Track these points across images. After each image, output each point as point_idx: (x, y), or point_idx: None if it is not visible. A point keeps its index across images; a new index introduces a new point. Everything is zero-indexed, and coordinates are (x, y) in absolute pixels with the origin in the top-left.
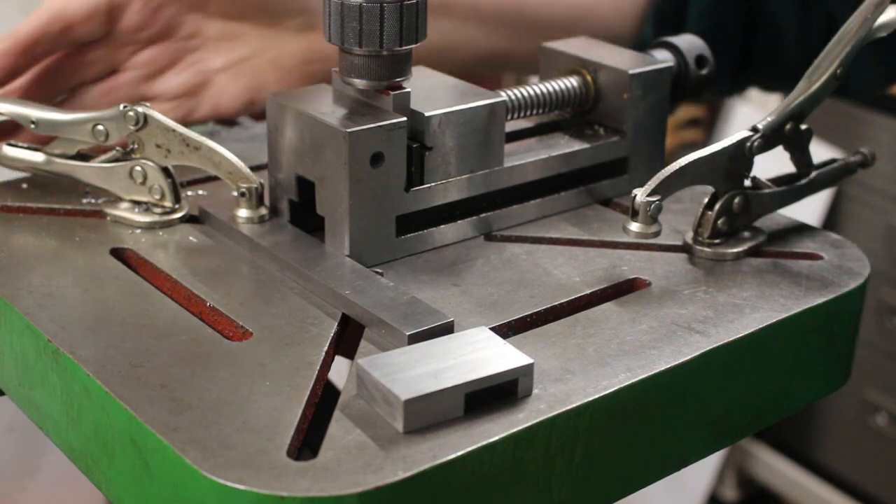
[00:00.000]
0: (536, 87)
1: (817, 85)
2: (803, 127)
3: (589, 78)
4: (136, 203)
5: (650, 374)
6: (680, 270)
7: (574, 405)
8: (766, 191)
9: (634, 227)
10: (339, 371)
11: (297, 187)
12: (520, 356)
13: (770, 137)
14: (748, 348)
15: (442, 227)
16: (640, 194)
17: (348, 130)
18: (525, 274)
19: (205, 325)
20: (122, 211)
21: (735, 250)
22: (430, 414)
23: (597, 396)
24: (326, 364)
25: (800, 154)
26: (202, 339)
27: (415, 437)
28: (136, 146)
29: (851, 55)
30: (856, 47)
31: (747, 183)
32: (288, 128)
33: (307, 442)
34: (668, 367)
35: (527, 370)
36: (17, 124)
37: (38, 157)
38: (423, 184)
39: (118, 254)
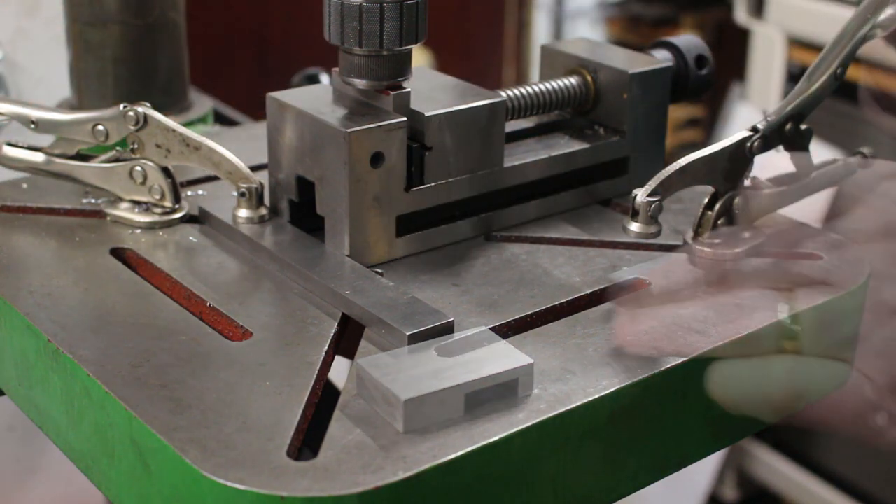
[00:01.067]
0: (536, 87)
1: (817, 85)
2: (803, 127)
3: (589, 78)
4: (136, 203)
5: (650, 374)
6: (680, 270)
7: (574, 405)
8: (766, 191)
9: (634, 227)
10: (339, 371)
11: (297, 187)
12: (520, 356)
13: (770, 137)
14: (748, 348)
15: (442, 227)
16: (641, 194)
17: (348, 130)
18: (525, 274)
19: (205, 325)
20: (122, 211)
21: (735, 250)
22: (430, 414)
23: (597, 396)
24: (326, 364)
25: (800, 154)
26: (202, 339)
27: (415, 437)
28: (136, 146)
29: (851, 55)
30: (856, 47)
31: (747, 183)
32: (288, 128)
33: (307, 442)
34: (668, 367)
35: (527, 370)
36: None
37: (38, 157)
38: (423, 184)
39: (118, 254)
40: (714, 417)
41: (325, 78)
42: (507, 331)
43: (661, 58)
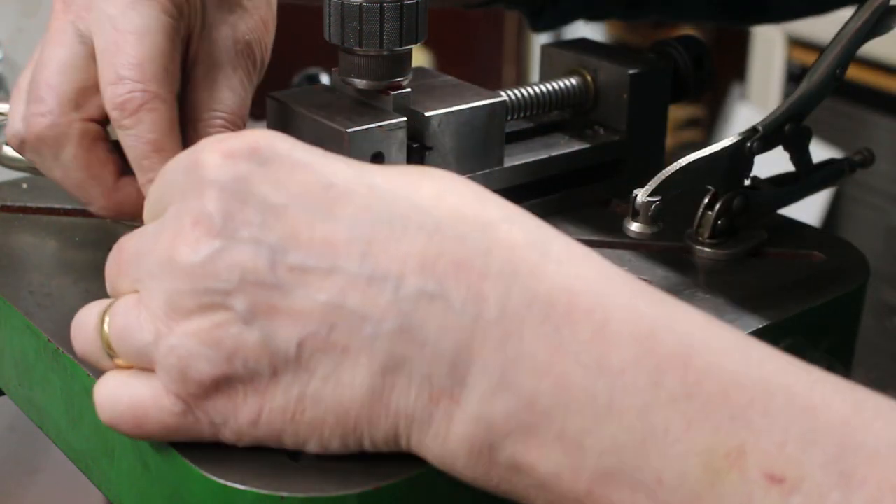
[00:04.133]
0: (536, 87)
1: (817, 85)
2: (803, 127)
3: (589, 78)
4: None
5: None
6: (680, 270)
7: None
8: (766, 191)
9: (634, 227)
10: None
11: None
12: None
13: (770, 137)
14: None
15: None
16: (641, 194)
17: (348, 130)
18: None
19: None
20: None
21: (735, 250)
22: None
23: None
24: None
25: (800, 154)
26: None
27: None
28: None
29: (851, 55)
30: (856, 47)
31: (747, 183)
32: (288, 128)
33: None
34: None
35: None
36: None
37: None
38: None
39: None
40: None
41: (325, 78)
42: None
43: (661, 58)
